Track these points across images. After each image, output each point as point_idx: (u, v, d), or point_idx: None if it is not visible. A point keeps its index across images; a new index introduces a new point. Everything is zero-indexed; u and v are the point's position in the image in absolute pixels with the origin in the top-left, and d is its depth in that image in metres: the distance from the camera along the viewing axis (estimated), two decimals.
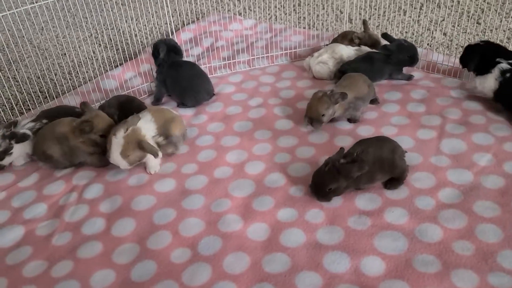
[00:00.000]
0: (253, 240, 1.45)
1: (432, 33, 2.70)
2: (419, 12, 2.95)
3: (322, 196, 1.55)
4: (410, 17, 2.90)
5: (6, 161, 1.82)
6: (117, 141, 1.66)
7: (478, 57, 1.98)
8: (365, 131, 1.90)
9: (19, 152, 1.83)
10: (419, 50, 2.41)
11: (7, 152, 1.79)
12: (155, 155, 1.68)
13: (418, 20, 2.86)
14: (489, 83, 1.93)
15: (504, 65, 1.91)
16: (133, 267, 1.39)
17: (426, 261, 1.33)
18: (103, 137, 1.76)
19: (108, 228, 1.54)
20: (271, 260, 1.37)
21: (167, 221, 1.54)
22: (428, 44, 2.59)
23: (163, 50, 2.13)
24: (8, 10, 1.89)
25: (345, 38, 2.44)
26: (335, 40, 2.46)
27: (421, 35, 2.69)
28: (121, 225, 1.54)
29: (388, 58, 2.15)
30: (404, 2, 3.05)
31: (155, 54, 2.18)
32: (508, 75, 1.89)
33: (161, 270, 1.37)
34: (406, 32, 2.74)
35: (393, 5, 3.03)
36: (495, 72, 1.91)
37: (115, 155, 1.67)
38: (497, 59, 1.93)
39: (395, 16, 2.91)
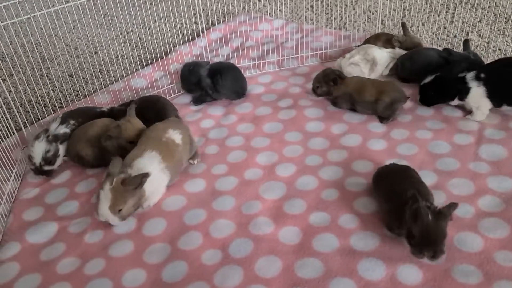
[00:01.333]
0: (284, 243, 1.43)
1: (468, 34, 2.62)
2: (453, 13, 2.86)
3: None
4: (445, 18, 2.82)
5: (57, 164, 1.82)
6: (104, 194, 1.46)
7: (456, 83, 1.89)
8: (399, 135, 1.86)
9: (61, 153, 1.85)
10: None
11: (56, 154, 1.80)
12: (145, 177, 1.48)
13: (453, 22, 2.77)
14: (480, 94, 1.85)
15: (469, 74, 1.86)
16: (164, 267, 1.39)
17: (466, 272, 1.28)
18: (132, 143, 1.70)
19: (139, 228, 1.54)
20: (304, 264, 1.35)
21: (198, 221, 1.54)
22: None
23: (203, 74, 2.13)
24: (39, 11, 1.92)
25: (378, 39, 2.38)
26: (367, 41, 2.41)
27: (456, 36, 2.61)
28: (152, 225, 1.55)
29: (446, 63, 2.06)
30: (437, 1, 2.97)
31: (193, 78, 2.15)
32: (482, 75, 1.84)
33: (192, 271, 1.36)
34: (440, 34, 2.66)
35: (426, 6, 2.96)
36: (472, 83, 1.85)
37: (103, 209, 1.47)
38: (460, 76, 1.89)
39: (428, 17, 2.84)
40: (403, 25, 2.36)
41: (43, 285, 1.37)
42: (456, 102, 1.93)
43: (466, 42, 2.13)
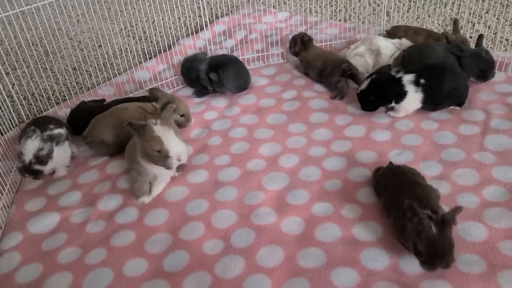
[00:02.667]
0: (287, 233, 1.42)
1: (474, 25, 2.58)
2: (460, 4, 2.83)
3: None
4: (451, 9, 2.78)
5: (48, 166, 1.69)
6: (162, 131, 1.48)
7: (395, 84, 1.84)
8: (404, 126, 1.83)
9: (58, 158, 1.72)
10: None
11: (49, 155, 1.68)
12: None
13: (459, 13, 2.74)
14: (416, 99, 1.83)
15: (406, 77, 1.82)
16: (165, 257, 1.38)
17: (470, 261, 1.26)
18: (183, 116, 1.91)
19: (141, 218, 1.54)
20: (306, 254, 1.34)
21: (199, 212, 1.53)
22: (470, 37, 2.47)
23: (202, 70, 2.10)
24: (40, 2, 1.92)
25: (419, 34, 2.30)
26: (403, 35, 2.33)
27: (462, 27, 2.57)
28: (154, 215, 1.54)
29: (458, 60, 1.99)
30: None
31: (192, 75, 2.14)
32: (422, 81, 1.80)
33: (193, 261, 1.36)
34: (447, 25, 2.63)
35: None
36: (410, 87, 1.81)
37: (177, 143, 1.49)
38: (396, 77, 1.84)
39: (434, 9, 2.80)
40: (455, 22, 2.25)
41: (44, 274, 1.37)
42: (392, 104, 1.86)
43: (480, 38, 2.07)
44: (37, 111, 2.14)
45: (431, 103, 1.85)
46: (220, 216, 1.50)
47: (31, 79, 2.32)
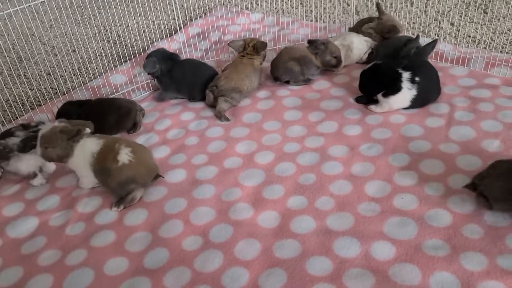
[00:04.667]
0: (264, 227, 1.47)
1: (440, 23, 2.69)
2: (426, 3, 2.94)
3: None
4: (418, 7, 2.89)
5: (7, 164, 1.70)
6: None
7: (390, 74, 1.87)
8: (374, 120, 1.91)
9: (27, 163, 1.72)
10: (426, 40, 2.41)
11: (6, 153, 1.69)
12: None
13: (425, 11, 2.85)
14: (407, 97, 1.88)
15: (405, 74, 1.86)
16: (145, 254, 1.42)
17: (435, 245, 1.34)
18: (336, 58, 2.18)
19: (121, 218, 1.56)
20: (282, 246, 1.39)
21: (178, 210, 1.57)
22: (435, 34, 2.58)
23: (155, 62, 2.10)
24: (13, 8, 1.91)
25: (361, 26, 2.41)
26: (353, 30, 2.45)
27: (428, 25, 2.68)
28: (133, 215, 1.57)
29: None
30: None
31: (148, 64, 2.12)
32: (417, 78, 1.85)
33: (173, 257, 1.39)
34: (413, 22, 2.73)
35: None
36: (406, 84, 1.86)
37: None
38: (398, 70, 1.87)
39: (402, 7, 2.90)
40: (377, 5, 2.34)
41: (25, 277, 1.38)
42: (380, 98, 1.91)
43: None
44: (12, 117, 2.14)
45: (421, 101, 1.90)
46: (198, 213, 1.55)
47: (4, 85, 2.31)
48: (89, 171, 1.62)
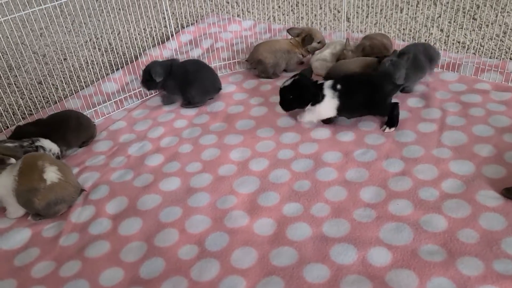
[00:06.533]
0: (259, 235, 1.46)
1: (429, 29, 2.73)
2: (416, 9, 2.98)
3: None
4: (407, 14, 2.92)
5: None
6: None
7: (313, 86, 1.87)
8: (367, 126, 1.92)
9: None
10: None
11: None
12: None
13: (415, 17, 2.88)
14: (331, 105, 1.87)
15: (327, 83, 1.87)
16: (141, 264, 1.40)
17: (431, 250, 1.34)
18: (319, 43, 2.35)
19: (115, 228, 1.55)
20: (278, 253, 1.39)
21: (173, 219, 1.56)
22: (425, 40, 2.61)
23: (159, 74, 2.07)
24: (3, 17, 1.90)
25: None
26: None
27: (418, 31, 2.72)
28: (128, 224, 1.56)
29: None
30: (401, 0, 3.08)
31: (148, 78, 2.09)
32: (338, 86, 1.85)
33: (169, 267, 1.38)
34: (403, 29, 2.76)
35: (390, 3, 3.06)
36: (328, 92, 1.85)
37: None
38: (318, 82, 1.89)
39: (392, 14, 2.94)
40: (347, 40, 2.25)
41: None
42: (309, 107, 1.90)
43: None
44: (2, 127, 2.11)
45: (346, 111, 1.89)
46: (193, 221, 1.54)
47: None
48: (13, 198, 1.54)
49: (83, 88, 2.39)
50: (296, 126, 1.97)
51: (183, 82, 2.13)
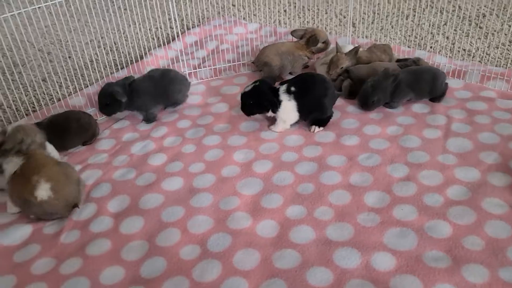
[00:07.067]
0: (262, 237, 1.45)
1: (434, 36, 2.73)
2: (421, 16, 2.98)
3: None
4: (413, 21, 2.92)
5: None
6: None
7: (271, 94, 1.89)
8: (371, 130, 1.91)
9: None
10: (421, 52, 2.44)
11: None
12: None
13: (420, 24, 2.88)
14: (290, 108, 1.89)
15: (282, 87, 1.90)
16: (142, 263, 1.39)
17: (436, 257, 1.33)
18: (324, 43, 2.36)
19: (117, 226, 1.54)
20: (281, 256, 1.37)
21: (175, 218, 1.54)
22: (431, 47, 2.61)
23: (121, 93, 1.96)
24: (10, 12, 1.90)
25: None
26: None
27: (423, 38, 2.72)
28: (130, 223, 1.54)
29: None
30: (407, 7, 3.09)
31: (113, 102, 1.98)
32: (292, 88, 1.88)
33: (171, 267, 1.37)
34: (409, 35, 2.76)
35: (396, 10, 3.06)
36: (284, 96, 1.89)
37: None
38: (274, 87, 1.92)
39: (397, 21, 2.94)
40: (336, 44, 2.24)
41: (18, 286, 1.34)
42: (270, 113, 1.92)
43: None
44: (5, 123, 2.10)
45: (302, 111, 1.91)
46: (196, 221, 1.52)
47: None
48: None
49: (87, 86, 2.38)
50: (300, 129, 1.96)
51: (159, 89, 2.05)
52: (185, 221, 1.53)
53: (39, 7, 1.96)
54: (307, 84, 1.91)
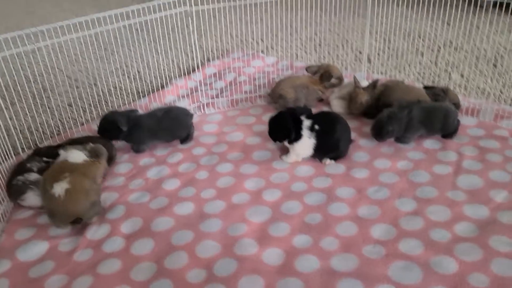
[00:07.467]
0: (267, 264, 1.48)
1: (450, 74, 2.77)
2: (437, 54, 3.03)
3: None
4: (428, 58, 2.98)
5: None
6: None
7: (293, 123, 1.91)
8: (381, 164, 1.94)
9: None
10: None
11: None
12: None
13: (436, 62, 2.93)
14: (308, 145, 1.93)
15: (306, 122, 1.92)
16: (150, 285, 1.42)
17: None
18: (338, 79, 2.42)
19: (128, 247, 1.59)
20: (286, 284, 1.39)
21: (184, 242, 1.59)
22: (445, 84, 2.65)
23: (124, 123, 2.04)
24: (44, 41, 2.03)
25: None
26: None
27: (438, 75, 2.76)
28: (141, 245, 1.59)
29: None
30: (422, 45, 3.15)
31: (114, 129, 2.05)
32: (316, 127, 1.91)
33: None
34: (423, 73, 2.81)
35: (412, 47, 3.13)
36: (305, 132, 1.91)
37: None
38: (301, 118, 1.92)
39: (413, 58, 3.00)
40: (354, 78, 2.29)
41: None
42: (286, 144, 1.97)
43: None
44: (31, 144, 2.22)
45: (318, 151, 1.94)
46: (204, 246, 1.56)
47: (27, 113, 2.41)
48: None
49: None
50: (311, 160, 2.01)
51: (162, 126, 2.11)
52: (194, 245, 1.57)
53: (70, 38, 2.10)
54: (330, 126, 1.93)
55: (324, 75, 2.40)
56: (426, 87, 2.30)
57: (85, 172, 1.72)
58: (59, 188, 1.61)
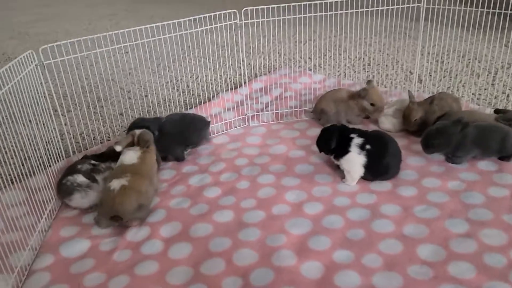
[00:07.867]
0: (306, 277, 1.42)
1: (508, 96, 2.62)
2: (494, 76, 2.89)
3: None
4: (484, 80, 2.84)
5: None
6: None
7: (337, 136, 1.91)
8: (431, 183, 1.84)
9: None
10: (491, 111, 2.35)
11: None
12: None
13: (492, 84, 2.79)
14: (357, 161, 1.85)
15: (356, 140, 1.87)
16: None
17: None
18: (373, 105, 2.28)
19: (166, 250, 1.59)
20: None
21: (222, 249, 1.57)
22: (503, 106, 2.51)
23: (154, 129, 2.06)
24: (101, 60, 2.14)
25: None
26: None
27: (495, 97, 2.62)
28: (178, 249, 1.59)
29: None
30: (478, 66, 3.02)
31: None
32: (368, 146, 1.85)
33: None
34: (479, 94, 2.68)
35: (467, 69, 3.01)
36: (353, 148, 1.86)
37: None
38: (351, 135, 1.89)
39: (467, 79, 2.87)
40: (409, 92, 2.21)
41: None
42: (334, 160, 1.95)
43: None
44: (82, 149, 2.31)
45: (368, 171, 1.87)
46: (241, 254, 1.54)
47: (81, 120, 2.53)
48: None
49: None
50: None
51: (179, 131, 2.14)
52: (231, 252, 1.55)
53: (126, 53, 2.19)
54: (382, 149, 1.87)
55: (360, 91, 2.31)
56: (497, 111, 2.15)
57: (142, 169, 1.78)
58: (117, 183, 1.69)
